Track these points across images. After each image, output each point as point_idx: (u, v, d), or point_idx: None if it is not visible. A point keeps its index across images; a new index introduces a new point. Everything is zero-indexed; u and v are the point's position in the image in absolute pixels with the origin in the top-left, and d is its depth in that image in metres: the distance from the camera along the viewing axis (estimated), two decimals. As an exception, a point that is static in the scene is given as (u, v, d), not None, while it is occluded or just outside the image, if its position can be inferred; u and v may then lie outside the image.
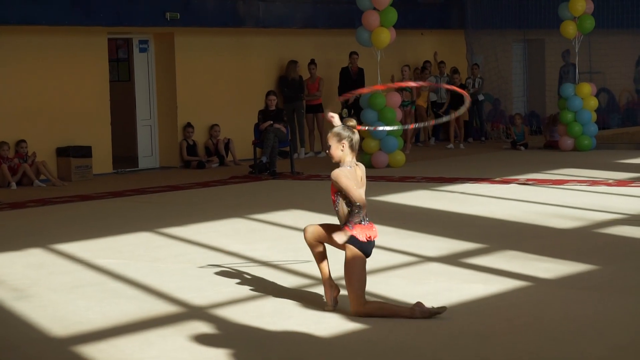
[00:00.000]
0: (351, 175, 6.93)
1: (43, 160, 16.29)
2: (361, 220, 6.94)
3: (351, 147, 6.98)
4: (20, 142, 16.20)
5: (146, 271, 8.79)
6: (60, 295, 7.93)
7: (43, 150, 16.59)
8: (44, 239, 10.66)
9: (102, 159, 17.47)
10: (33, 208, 13.41)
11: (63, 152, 16.81)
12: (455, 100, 20.60)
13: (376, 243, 7.16)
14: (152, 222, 11.64)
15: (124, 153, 18.77)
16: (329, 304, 7.18)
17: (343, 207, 6.98)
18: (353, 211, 6.88)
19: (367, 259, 7.02)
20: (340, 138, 6.98)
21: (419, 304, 6.93)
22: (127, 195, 14.55)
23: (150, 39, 18.71)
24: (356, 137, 7.02)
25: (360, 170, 7.07)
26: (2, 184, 15.81)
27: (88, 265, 9.18)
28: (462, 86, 21.29)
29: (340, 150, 6.98)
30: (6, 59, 16.29)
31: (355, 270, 6.91)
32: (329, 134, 7.05)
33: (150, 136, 18.79)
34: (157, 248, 10.04)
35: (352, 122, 7.06)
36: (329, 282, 7.20)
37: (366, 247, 6.97)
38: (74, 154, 16.75)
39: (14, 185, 15.70)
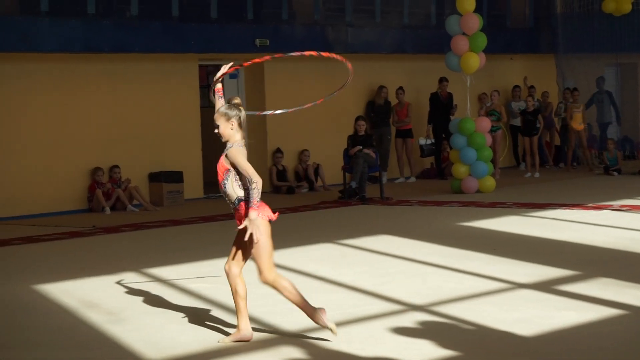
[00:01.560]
0: (243, 152, 7.02)
1: (136, 186, 16.56)
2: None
3: (240, 124, 7.08)
4: (113, 168, 16.49)
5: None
6: (153, 318, 8.02)
7: (136, 175, 16.85)
8: (137, 263, 10.82)
9: (193, 184, 17.68)
10: (126, 233, 13.62)
11: (155, 178, 17.05)
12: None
13: (466, 269, 7.11)
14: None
15: (215, 178, 18.89)
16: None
17: (233, 185, 7.04)
18: (252, 189, 6.85)
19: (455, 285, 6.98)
20: (228, 117, 7.06)
21: (322, 310, 7.02)
22: (217, 220, 14.69)
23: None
24: (243, 114, 7.10)
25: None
26: (96, 209, 16.11)
27: (180, 289, 9.27)
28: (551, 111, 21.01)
29: (230, 128, 7.07)
30: (100, 86, 16.61)
31: (268, 241, 7.00)
32: (217, 114, 7.10)
33: (240, 162, 18.91)
34: (247, 272, 10.09)
35: (237, 100, 7.17)
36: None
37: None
38: (165, 179, 16.99)
39: (108, 210, 16.00)
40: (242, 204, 7.03)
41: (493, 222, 13.32)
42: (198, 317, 8.06)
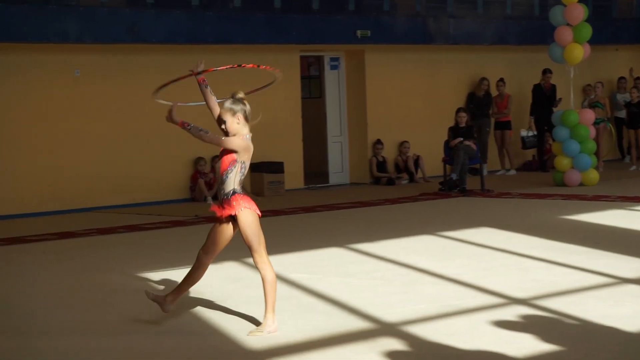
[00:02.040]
0: (246, 144, 7.23)
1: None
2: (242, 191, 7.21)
3: (245, 118, 7.27)
4: (215, 157, 16.68)
5: (337, 286, 8.88)
6: (255, 308, 8.09)
7: (237, 165, 17.02)
8: (238, 252, 10.91)
9: (294, 175, 17.79)
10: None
11: (256, 168, 17.19)
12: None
13: (569, 263, 7.01)
14: (342, 238, 11.75)
15: (315, 169, 19.05)
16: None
17: (235, 178, 7.17)
18: (203, 131, 7.22)
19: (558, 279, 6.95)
20: (234, 112, 7.25)
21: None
22: (318, 210, 14.76)
23: (341, 56, 18.95)
24: (248, 107, 7.30)
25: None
26: (198, 198, 16.33)
27: (281, 279, 9.33)
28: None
29: (237, 123, 7.24)
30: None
31: (259, 231, 7.23)
32: (222, 110, 7.28)
33: (340, 152, 19.01)
34: (348, 264, 10.14)
35: (241, 94, 7.40)
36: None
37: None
38: (266, 169, 17.12)
39: (210, 199, 16.18)
40: (236, 196, 7.16)
41: (596, 215, 13.11)
42: (298, 307, 8.11)
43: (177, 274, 9.67)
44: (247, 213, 7.15)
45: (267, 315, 7.17)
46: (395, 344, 6.85)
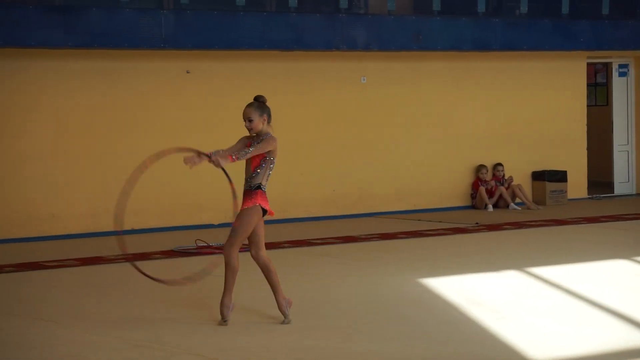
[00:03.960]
0: (277, 143, 7.85)
1: (519, 184, 16.54)
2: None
3: (269, 120, 7.88)
4: (497, 166, 16.58)
5: (622, 299, 8.60)
6: (536, 318, 7.98)
7: (518, 173, 16.85)
8: (519, 261, 10.81)
9: (577, 184, 17.39)
10: (509, 231, 13.64)
11: (538, 176, 16.95)
12: None
13: None
14: (626, 250, 11.38)
15: (599, 178, 18.55)
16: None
17: (265, 174, 7.83)
18: (246, 152, 7.74)
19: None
20: (262, 112, 7.83)
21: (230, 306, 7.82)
22: (601, 221, 14.35)
23: (630, 63, 18.35)
24: (269, 110, 7.87)
25: None
26: (479, 206, 16.29)
27: (564, 290, 9.16)
28: None
29: (262, 123, 7.81)
30: (479, 82, 16.78)
31: (251, 226, 7.79)
32: (249, 108, 7.81)
33: (627, 162, 18.40)
34: (633, 276, 9.81)
35: (264, 98, 7.89)
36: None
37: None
38: (549, 178, 16.84)
39: (490, 207, 16.12)
40: (259, 192, 7.82)
41: None
42: (582, 319, 7.92)
43: (461, 280, 9.69)
44: (254, 209, 7.80)
45: (224, 295, 7.83)
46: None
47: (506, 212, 15.80)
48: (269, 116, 7.88)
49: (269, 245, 12.36)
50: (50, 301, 9.04)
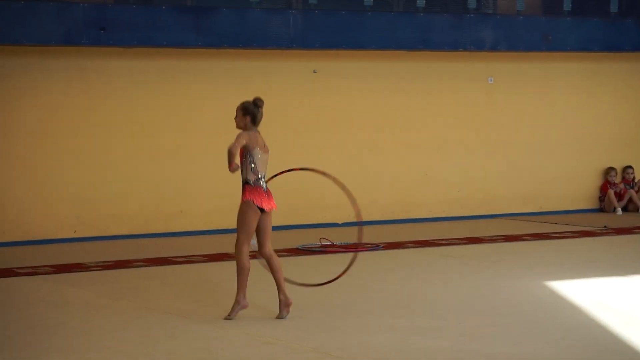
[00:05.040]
0: (249, 137, 8.08)
1: (649, 187, 16.23)
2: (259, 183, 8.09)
3: (254, 122, 8.16)
4: (626, 168, 16.26)
5: None
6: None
7: (647, 176, 16.55)
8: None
9: None
10: (638, 235, 13.38)
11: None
12: None
13: None
14: None
15: None
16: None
17: (247, 169, 8.07)
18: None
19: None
20: (245, 112, 8.16)
21: (244, 304, 8.07)
22: None
23: None
24: (260, 113, 8.16)
25: (261, 137, 8.20)
26: (608, 209, 16.00)
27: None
28: None
29: (244, 123, 8.13)
30: (617, 84, 16.47)
31: (247, 220, 8.04)
32: (238, 107, 8.17)
33: None
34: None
35: (262, 101, 8.21)
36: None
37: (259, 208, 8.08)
38: None
39: (619, 210, 15.83)
40: (246, 186, 8.07)
41: None
42: None
43: (588, 284, 9.55)
44: (245, 205, 8.04)
45: (238, 294, 8.08)
46: None
47: (636, 216, 15.48)
48: (253, 118, 8.14)
49: (393, 245, 12.44)
50: (181, 296, 9.23)
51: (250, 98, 13.78)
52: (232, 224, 12.41)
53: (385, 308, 8.59)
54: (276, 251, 8.20)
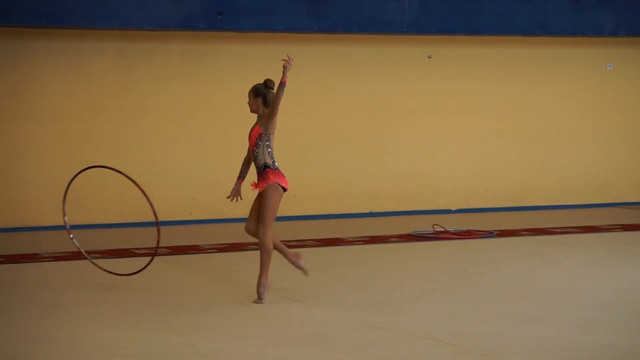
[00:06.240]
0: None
1: None
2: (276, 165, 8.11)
3: (265, 103, 8.08)
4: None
5: None
6: None
7: None
8: None
9: None
10: None
11: None
12: None
13: None
14: None
15: None
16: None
17: (264, 152, 8.04)
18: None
19: None
20: (257, 94, 8.10)
21: (267, 285, 8.13)
22: None
23: None
24: (271, 94, 8.03)
25: None
26: None
27: None
28: None
29: (257, 105, 8.09)
30: None
31: (276, 203, 8.05)
32: (250, 90, 8.08)
33: None
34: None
35: (272, 82, 8.07)
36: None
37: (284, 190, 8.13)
38: None
39: None
40: (268, 170, 8.04)
41: None
42: None
43: None
44: (271, 188, 8.01)
45: (261, 275, 8.10)
46: None
47: None
48: (265, 99, 8.08)
49: (507, 233, 12.34)
50: (295, 279, 9.30)
51: (363, 84, 13.85)
52: (344, 209, 12.47)
53: (499, 295, 8.53)
54: (389, 237, 8.20)
